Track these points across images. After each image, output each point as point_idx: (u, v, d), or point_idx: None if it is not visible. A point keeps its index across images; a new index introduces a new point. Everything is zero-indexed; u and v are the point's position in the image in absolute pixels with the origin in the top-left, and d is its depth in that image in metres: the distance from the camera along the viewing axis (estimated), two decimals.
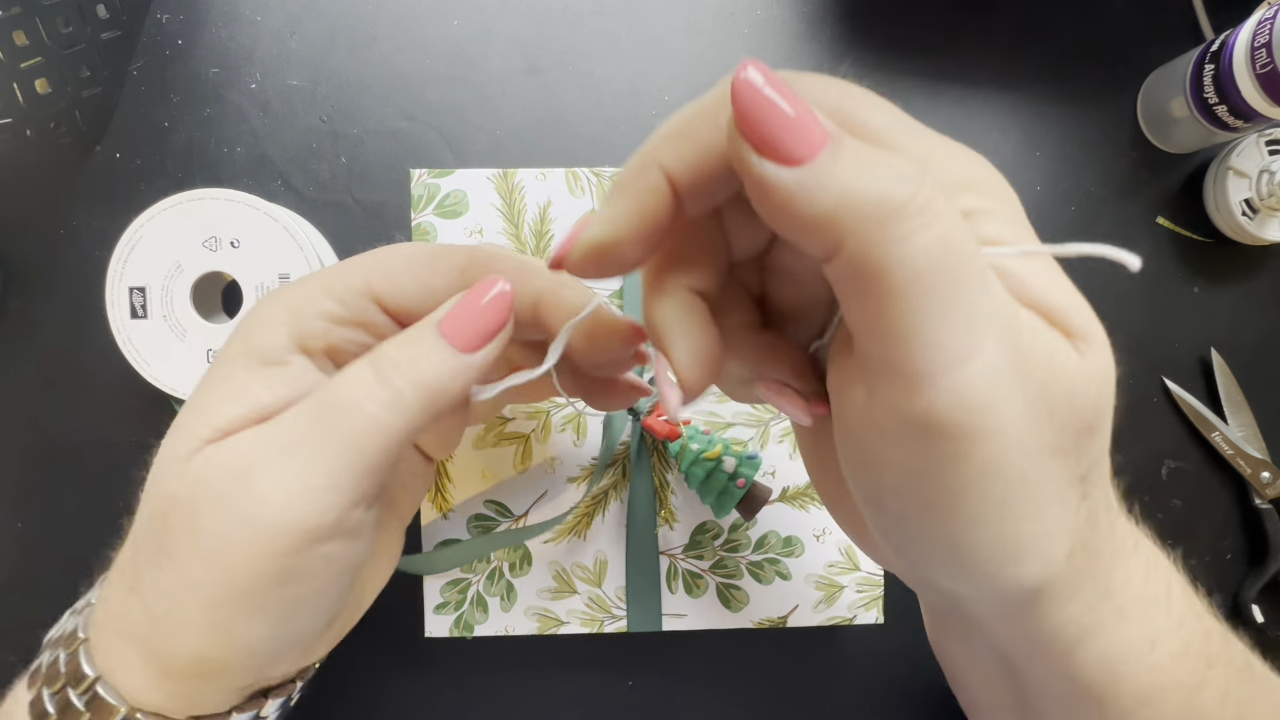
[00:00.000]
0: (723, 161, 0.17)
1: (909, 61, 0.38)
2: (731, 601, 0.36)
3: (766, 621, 0.36)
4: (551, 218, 0.36)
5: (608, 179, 0.36)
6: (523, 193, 0.36)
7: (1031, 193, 0.39)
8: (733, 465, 0.33)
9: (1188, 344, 0.39)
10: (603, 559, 0.36)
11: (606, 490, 0.36)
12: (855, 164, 0.15)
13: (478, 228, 0.36)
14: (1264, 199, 0.37)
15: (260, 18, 0.37)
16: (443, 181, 0.36)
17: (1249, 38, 0.33)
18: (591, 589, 0.36)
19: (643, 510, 0.36)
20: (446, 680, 0.37)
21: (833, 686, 0.38)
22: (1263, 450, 0.39)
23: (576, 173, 0.36)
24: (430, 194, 0.36)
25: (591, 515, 0.36)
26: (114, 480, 0.37)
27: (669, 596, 0.36)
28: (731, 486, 0.33)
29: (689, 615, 0.36)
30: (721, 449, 0.33)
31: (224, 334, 0.33)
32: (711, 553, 0.36)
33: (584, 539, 0.36)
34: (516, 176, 0.36)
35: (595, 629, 0.36)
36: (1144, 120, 0.39)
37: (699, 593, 0.36)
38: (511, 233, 0.36)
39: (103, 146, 0.37)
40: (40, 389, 0.36)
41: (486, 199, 0.36)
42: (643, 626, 0.36)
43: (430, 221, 0.36)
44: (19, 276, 0.36)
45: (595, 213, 0.19)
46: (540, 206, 0.36)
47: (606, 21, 0.38)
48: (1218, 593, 0.39)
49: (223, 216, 0.33)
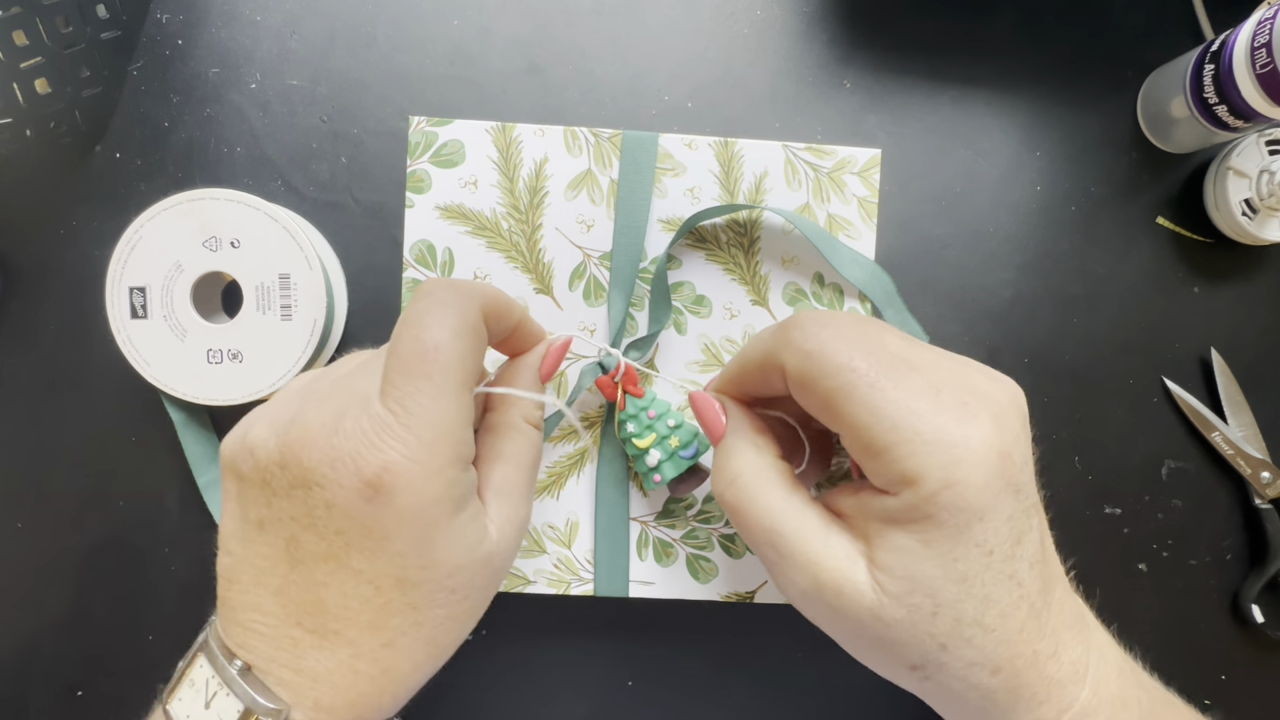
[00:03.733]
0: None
1: (909, 61, 0.38)
2: (700, 573, 0.36)
3: (734, 595, 0.36)
4: (547, 174, 0.36)
5: (605, 140, 0.36)
6: (520, 147, 0.36)
7: (1031, 193, 0.39)
8: (656, 460, 0.33)
9: (1188, 344, 0.39)
10: (574, 521, 0.36)
11: (584, 452, 0.36)
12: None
13: (472, 178, 0.36)
14: (1264, 199, 0.37)
15: (260, 18, 0.37)
16: (441, 130, 0.36)
17: (1249, 38, 0.33)
18: (561, 550, 0.36)
19: (613, 472, 0.36)
20: None
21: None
22: (1263, 450, 0.39)
23: (575, 131, 0.36)
24: (428, 141, 0.36)
25: (565, 476, 0.36)
26: (114, 480, 0.37)
27: (638, 563, 0.36)
28: (651, 475, 0.33)
29: (657, 584, 0.36)
30: (653, 440, 0.33)
31: (224, 334, 0.33)
32: (684, 522, 0.36)
33: (557, 499, 0.36)
34: (515, 131, 0.36)
35: (562, 590, 0.36)
36: (1144, 120, 0.39)
37: (668, 561, 0.36)
38: (506, 186, 0.36)
39: (103, 146, 0.37)
40: (40, 389, 0.37)
41: (483, 151, 0.36)
42: (609, 591, 0.36)
43: (425, 169, 0.36)
44: (19, 276, 0.36)
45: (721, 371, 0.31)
46: (536, 162, 0.36)
47: (606, 21, 0.38)
48: (1218, 593, 0.39)
49: (223, 216, 0.33)
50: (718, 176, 0.36)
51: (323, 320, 0.33)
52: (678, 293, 0.36)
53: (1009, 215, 0.39)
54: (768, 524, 0.26)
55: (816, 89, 0.38)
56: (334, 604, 0.24)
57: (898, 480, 0.23)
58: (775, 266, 0.37)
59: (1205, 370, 0.39)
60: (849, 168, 0.36)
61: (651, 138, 0.36)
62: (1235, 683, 0.39)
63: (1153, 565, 0.39)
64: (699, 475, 0.34)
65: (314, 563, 0.24)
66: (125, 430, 0.37)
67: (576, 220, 0.36)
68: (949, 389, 0.24)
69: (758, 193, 0.36)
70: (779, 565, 0.26)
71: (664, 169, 0.36)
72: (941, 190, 0.38)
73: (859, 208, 0.37)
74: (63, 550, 0.37)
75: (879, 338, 0.25)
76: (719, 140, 0.36)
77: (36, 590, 0.37)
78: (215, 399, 0.34)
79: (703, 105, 0.38)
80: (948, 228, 0.38)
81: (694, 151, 0.36)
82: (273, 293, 0.33)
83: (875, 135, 0.38)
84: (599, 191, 0.36)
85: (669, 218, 0.36)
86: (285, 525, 0.24)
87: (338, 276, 0.36)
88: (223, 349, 0.33)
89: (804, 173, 0.36)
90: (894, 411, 0.23)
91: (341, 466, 0.23)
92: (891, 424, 0.23)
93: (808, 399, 0.25)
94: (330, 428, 0.24)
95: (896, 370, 0.24)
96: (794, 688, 0.38)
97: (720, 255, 0.37)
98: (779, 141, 0.36)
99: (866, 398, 0.23)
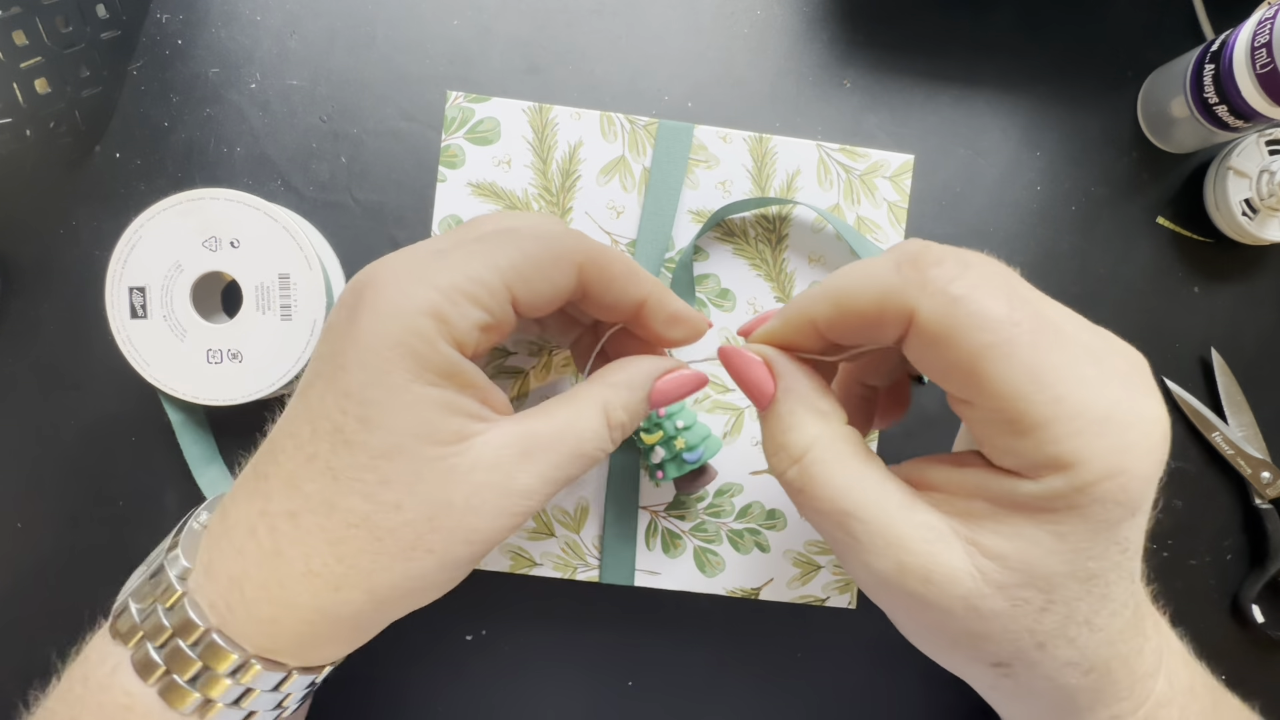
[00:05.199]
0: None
1: (909, 61, 0.38)
2: (707, 566, 0.36)
3: (740, 591, 0.36)
4: (581, 158, 0.36)
5: (641, 127, 0.36)
6: (555, 129, 0.36)
7: (1032, 193, 0.39)
8: (660, 458, 0.33)
9: (1188, 344, 0.39)
10: (584, 505, 0.36)
11: None
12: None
13: (506, 158, 0.36)
14: (1264, 199, 0.37)
15: (260, 18, 0.37)
16: (478, 107, 0.36)
17: (1249, 38, 0.33)
18: (569, 534, 0.36)
19: (626, 460, 0.36)
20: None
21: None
22: (1263, 450, 0.39)
23: (611, 117, 0.36)
24: (464, 117, 0.36)
25: None
26: (114, 480, 0.37)
27: (646, 553, 0.36)
28: (655, 472, 0.33)
29: (663, 574, 0.36)
30: (659, 438, 0.33)
31: (224, 334, 0.33)
32: (694, 514, 0.36)
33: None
34: (551, 112, 0.36)
35: (568, 575, 0.36)
36: (1144, 120, 0.39)
37: (676, 553, 0.36)
38: (539, 167, 0.36)
39: (102, 146, 0.37)
40: (40, 389, 0.37)
41: (519, 130, 0.36)
42: (615, 579, 0.36)
43: (460, 145, 0.36)
44: (19, 276, 0.36)
45: (779, 314, 0.25)
46: (571, 145, 0.36)
47: (606, 21, 0.38)
48: (1218, 593, 0.39)
49: (223, 216, 0.33)
50: (750, 171, 0.36)
51: (322, 320, 0.33)
52: (703, 285, 0.36)
53: (1009, 215, 0.39)
54: (843, 506, 0.22)
55: (816, 89, 0.38)
56: (277, 442, 0.23)
57: (1047, 463, 0.19)
58: (802, 264, 0.37)
59: (1205, 370, 0.39)
60: (881, 171, 0.37)
61: (687, 128, 0.36)
62: (1235, 683, 0.39)
63: (1153, 565, 0.39)
64: (706, 475, 0.34)
65: (295, 396, 0.24)
66: (125, 430, 0.37)
67: (607, 206, 0.36)
68: (1105, 355, 0.20)
69: (789, 190, 0.36)
70: (853, 549, 0.22)
71: (697, 160, 0.36)
72: (941, 190, 0.38)
73: (889, 211, 0.37)
74: (63, 550, 0.37)
75: (1024, 286, 0.21)
76: (754, 135, 0.36)
77: (36, 590, 0.37)
78: (215, 399, 0.33)
79: (703, 105, 0.38)
80: (948, 228, 0.38)
81: (728, 145, 0.36)
82: (272, 293, 0.33)
83: (875, 135, 0.38)
84: (631, 179, 0.36)
85: (699, 209, 0.36)
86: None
87: (338, 276, 0.36)
88: (222, 349, 0.33)
89: (836, 173, 0.36)
90: (1059, 380, 0.19)
91: (353, 280, 0.23)
92: (1055, 395, 0.19)
93: (939, 356, 0.20)
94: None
95: (1051, 328, 0.20)
96: (794, 687, 0.38)
97: (748, 250, 0.37)
98: (814, 141, 0.36)
99: (1030, 361, 0.19)
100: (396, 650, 0.37)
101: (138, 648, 0.23)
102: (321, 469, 0.22)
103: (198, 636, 0.23)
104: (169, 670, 0.23)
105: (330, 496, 0.22)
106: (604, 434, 0.25)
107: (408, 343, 0.21)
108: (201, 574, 0.23)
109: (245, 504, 0.23)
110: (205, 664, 0.23)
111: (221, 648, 0.23)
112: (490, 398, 0.24)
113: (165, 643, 0.23)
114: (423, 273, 0.22)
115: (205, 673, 0.23)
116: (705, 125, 0.36)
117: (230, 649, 0.23)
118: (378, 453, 0.22)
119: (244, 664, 0.23)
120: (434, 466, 0.22)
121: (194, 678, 0.23)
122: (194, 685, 0.23)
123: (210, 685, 0.23)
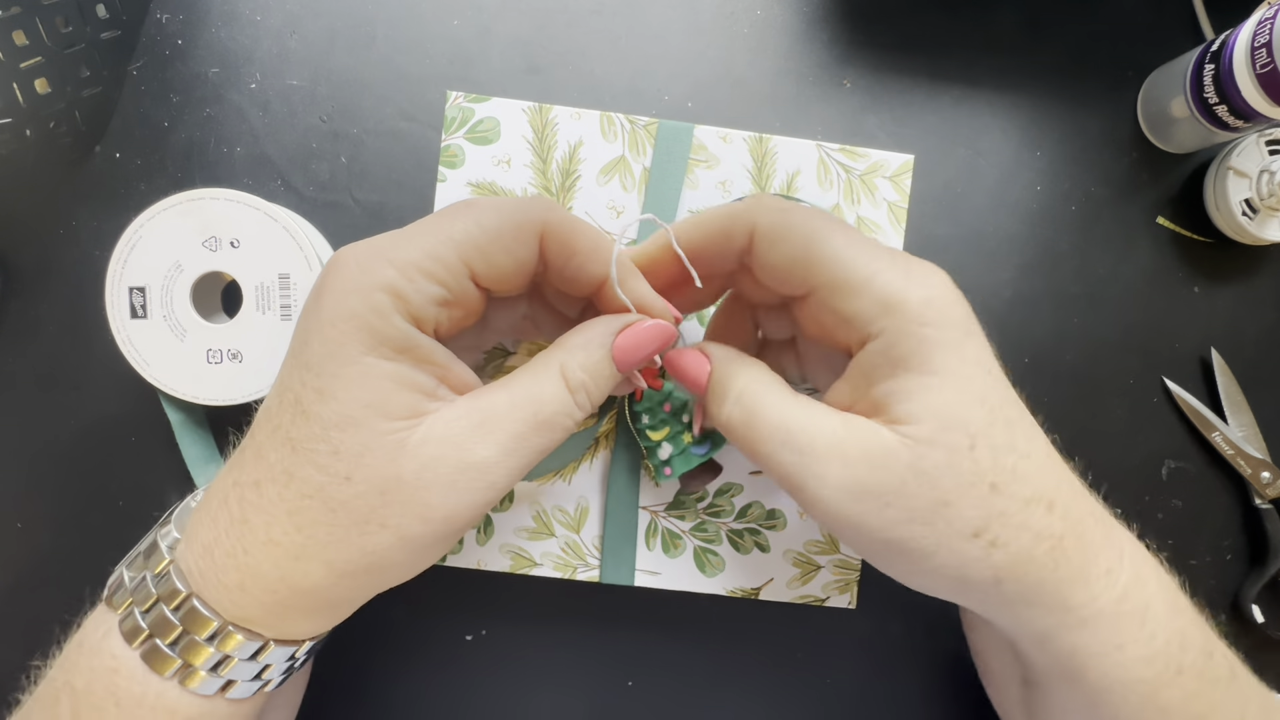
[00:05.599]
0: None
1: (909, 61, 0.38)
2: (707, 566, 0.36)
3: (739, 591, 0.36)
4: (581, 158, 0.36)
5: (641, 127, 0.36)
6: (555, 129, 0.36)
7: (1031, 193, 0.39)
8: (667, 454, 0.33)
9: (1188, 344, 0.39)
10: (585, 506, 0.36)
11: (599, 438, 0.36)
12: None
13: (506, 157, 0.36)
14: (1264, 199, 0.37)
15: (260, 18, 0.37)
16: (478, 107, 0.36)
17: (1249, 38, 0.33)
18: (569, 534, 0.36)
19: (626, 460, 0.36)
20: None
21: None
22: (1263, 450, 0.39)
23: (611, 117, 0.36)
24: (464, 117, 0.36)
25: (579, 461, 0.36)
26: (114, 480, 0.37)
27: (645, 553, 0.36)
28: (662, 468, 0.33)
29: (663, 574, 0.36)
30: (667, 434, 0.33)
31: (224, 334, 0.33)
32: (694, 514, 0.36)
33: (569, 483, 0.36)
34: (551, 112, 0.36)
35: (568, 575, 0.36)
36: (1144, 120, 0.39)
37: (676, 553, 0.36)
38: (539, 167, 0.36)
39: (102, 146, 0.37)
40: (40, 389, 0.37)
41: (519, 130, 0.36)
42: (615, 579, 0.36)
43: (460, 144, 0.36)
44: (19, 276, 0.36)
45: (651, 238, 0.28)
46: (571, 145, 0.36)
47: (606, 21, 0.38)
48: (1218, 593, 0.39)
49: (223, 216, 0.33)
50: (750, 171, 0.36)
51: None
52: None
53: (1009, 215, 0.39)
54: (781, 423, 0.24)
55: (817, 89, 0.38)
56: (256, 418, 0.24)
57: (881, 310, 0.24)
58: None
59: (1205, 370, 0.39)
60: (881, 171, 0.37)
61: (687, 128, 0.36)
62: None
63: None
64: (712, 471, 0.34)
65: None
66: (125, 430, 0.37)
67: (607, 206, 0.36)
68: (900, 255, 0.26)
69: (789, 190, 0.36)
70: (803, 467, 0.24)
71: (697, 160, 0.36)
72: (941, 190, 0.38)
73: (889, 212, 0.37)
74: (63, 550, 0.37)
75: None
76: (754, 135, 0.36)
77: (36, 590, 0.37)
78: (215, 399, 0.33)
79: (703, 105, 0.38)
80: (948, 228, 0.38)
81: (728, 145, 0.36)
82: (272, 293, 0.33)
83: (875, 135, 0.38)
84: (631, 179, 0.36)
85: (699, 209, 0.36)
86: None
87: None
88: (222, 349, 0.33)
89: (836, 173, 0.36)
90: (872, 255, 0.24)
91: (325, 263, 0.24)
92: (871, 255, 0.24)
93: (779, 253, 0.25)
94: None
95: (855, 229, 0.26)
96: (794, 687, 0.38)
97: None
98: (813, 141, 0.36)
99: (846, 241, 0.25)
100: (396, 650, 0.37)
101: (126, 613, 0.24)
102: (282, 439, 0.23)
103: (179, 602, 0.23)
104: (152, 634, 0.23)
105: (289, 466, 0.23)
106: (564, 396, 0.25)
107: (362, 316, 0.22)
108: (184, 543, 0.24)
109: (224, 475, 0.24)
110: (185, 629, 0.23)
111: (201, 613, 0.23)
112: (451, 376, 0.24)
113: (150, 608, 0.24)
114: (382, 251, 0.23)
115: (185, 637, 0.23)
116: (705, 125, 0.36)
117: (210, 615, 0.23)
118: (330, 423, 0.22)
119: (222, 630, 0.23)
120: (383, 440, 0.22)
121: (174, 641, 0.23)
122: (175, 649, 0.23)
123: (191, 651, 0.23)
